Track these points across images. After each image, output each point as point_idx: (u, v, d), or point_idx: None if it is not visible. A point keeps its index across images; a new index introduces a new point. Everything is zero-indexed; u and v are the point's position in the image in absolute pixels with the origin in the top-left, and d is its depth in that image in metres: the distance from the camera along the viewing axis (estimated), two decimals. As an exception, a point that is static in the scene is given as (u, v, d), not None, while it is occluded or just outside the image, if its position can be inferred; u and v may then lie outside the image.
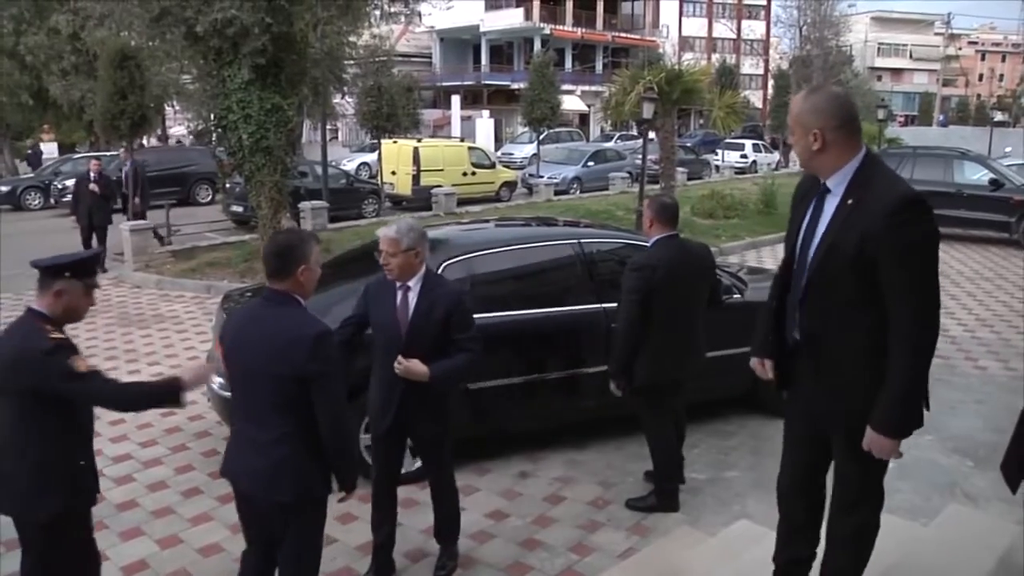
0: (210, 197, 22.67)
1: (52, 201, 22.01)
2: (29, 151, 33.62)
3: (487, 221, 9.07)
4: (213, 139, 13.80)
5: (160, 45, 12.91)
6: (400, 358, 3.89)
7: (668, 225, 4.95)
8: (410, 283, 4.00)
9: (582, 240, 6.22)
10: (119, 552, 4.69)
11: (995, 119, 48.63)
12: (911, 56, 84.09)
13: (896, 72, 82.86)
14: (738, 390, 6.45)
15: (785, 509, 3.43)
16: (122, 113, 15.78)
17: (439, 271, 5.50)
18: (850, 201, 2.87)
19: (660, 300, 4.79)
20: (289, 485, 3.16)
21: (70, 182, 20.20)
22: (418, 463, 5.54)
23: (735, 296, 6.41)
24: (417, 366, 3.88)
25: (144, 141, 25.91)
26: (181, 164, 23.07)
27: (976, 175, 16.11)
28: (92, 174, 13.77)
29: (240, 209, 17.01)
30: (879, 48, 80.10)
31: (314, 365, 3.06)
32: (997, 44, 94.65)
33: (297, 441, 3.15)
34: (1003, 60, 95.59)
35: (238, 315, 3.41)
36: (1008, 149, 31.91)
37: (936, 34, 79.52)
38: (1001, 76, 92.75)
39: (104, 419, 6.71)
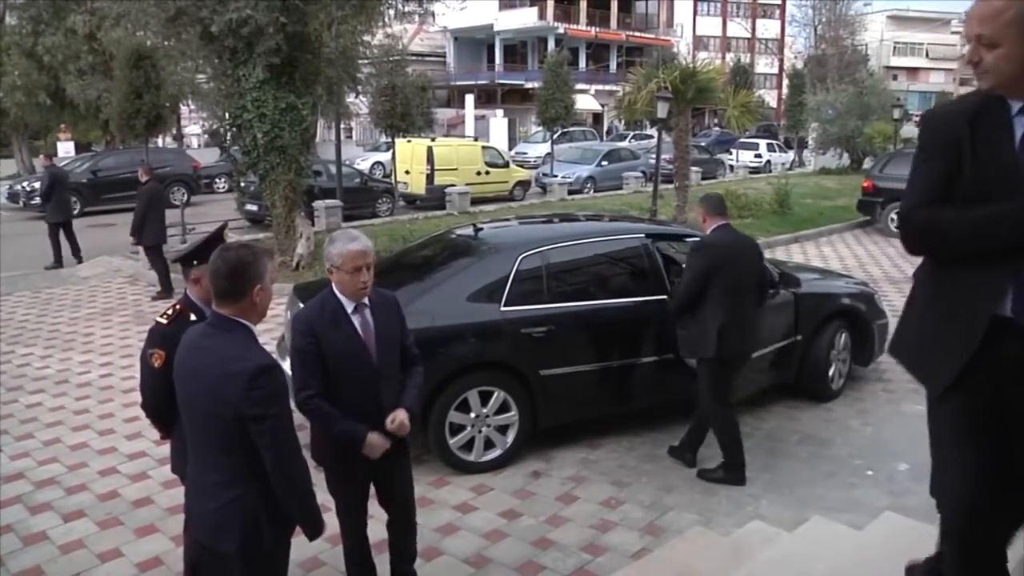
0: (186, 198, 20.84)
1: (21, 203, 20.55)
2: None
3: (526, 218, 9.63)
4: (227, 138, 13.79)
5: (175, 45, 12.98)
6: (394, 419, 3.55)
7: (719, 216, 5.51)
8: (365, 300, 3.61)
9: (647, 233, 6.60)
10: (134, 548, 4.72)
11: (1012, 119, 48.18)
12: (927, 55, 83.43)
13: (912, 71, 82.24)
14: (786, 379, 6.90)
15: (976, 529, 2.48)
16: (138, 112, 15.91)
17: (516, 263, 5.82)
18: None
19: (720, 280, 5.30)
20: (233, 533, 2.77)
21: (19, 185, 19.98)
22: (491, 454, 5.75)
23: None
24: (404, 415, 3.60)
25: (159, 140, 26.02)
26: (154, 166, 21.66)
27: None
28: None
29: (255, 208, 17.08)
30: (895, 47, 79.49)
31: (249, 406, 2.64)
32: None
33: (248, 484, 2.77)
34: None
35: (184, 341, 2.97)
36: (1026, 149, 31.63)
37: (953, 32, 78.80)
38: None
39: (119, 417, 6.78)
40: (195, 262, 3.62)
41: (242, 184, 16.70)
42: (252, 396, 2.64)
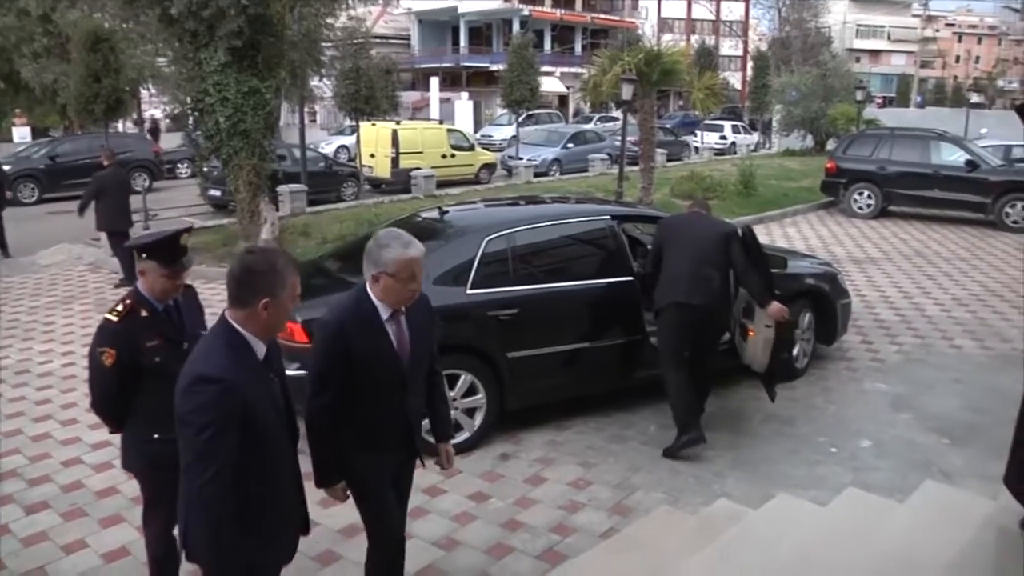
0: (148, 184, 20.09)
1: None
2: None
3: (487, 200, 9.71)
4: (190, 122, 13.52)
5: (134, 27, 12.74)
6: (446, 464, 3.74)
7: (697, 207, 6.22)
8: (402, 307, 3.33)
9: (613, 215, 6.70)
10: (99, 539, 4.67)
11: (971, 101, 49.13)
12: (889, 38, 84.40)
13: (874, 54, 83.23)
14: None
15: None
16: (96, 96, 15.59)
17: (482, 246, 5.84)
18: None
19: (668, 248, 5.84)
20: (198, 551, 2.61)
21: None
22: (459, 437, 5.65)
23: None
24: (451, 449, 3.79)
25: (119, 125, 25.51)
26: (115, 151, 21.09)
27: (953, 156, 16.18)
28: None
29: (218, 193, 16.85)
30: (857, 29, 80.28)
31: (181, 410, 2.50)
32: (973, 26, 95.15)
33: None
34: (979, 42, 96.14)
35: None
36: (984, 131, 32.12)
37: (914, 15, 79.78)
38: (977, 58, 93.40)
39: (81, 406, 6.68)
40: (143, 255, 3.37)
41: (205, 169, 16.46)
42: (184, 400, 2.50)
